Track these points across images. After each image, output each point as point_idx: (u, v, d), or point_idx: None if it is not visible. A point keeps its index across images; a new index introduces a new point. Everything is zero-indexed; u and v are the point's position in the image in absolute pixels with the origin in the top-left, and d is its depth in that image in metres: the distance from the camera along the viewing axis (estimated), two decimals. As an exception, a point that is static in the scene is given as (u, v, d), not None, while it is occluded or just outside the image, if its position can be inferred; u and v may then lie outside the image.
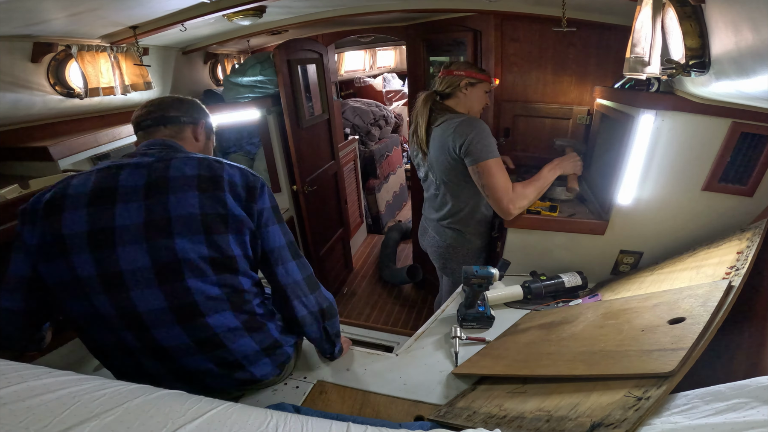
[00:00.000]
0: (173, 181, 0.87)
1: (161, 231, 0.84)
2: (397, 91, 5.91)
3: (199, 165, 0.91)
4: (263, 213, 0.96)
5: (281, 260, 0.99)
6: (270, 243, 0.97)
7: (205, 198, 0.87)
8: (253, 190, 0.94)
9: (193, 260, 0.85)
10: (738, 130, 1.24)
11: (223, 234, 0.88)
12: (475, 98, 1.63)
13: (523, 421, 0.79)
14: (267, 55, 2.34)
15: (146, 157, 0.91)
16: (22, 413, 0.45)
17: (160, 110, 1.02)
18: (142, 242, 0.83)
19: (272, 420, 0.55)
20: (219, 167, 0.92)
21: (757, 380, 0.57)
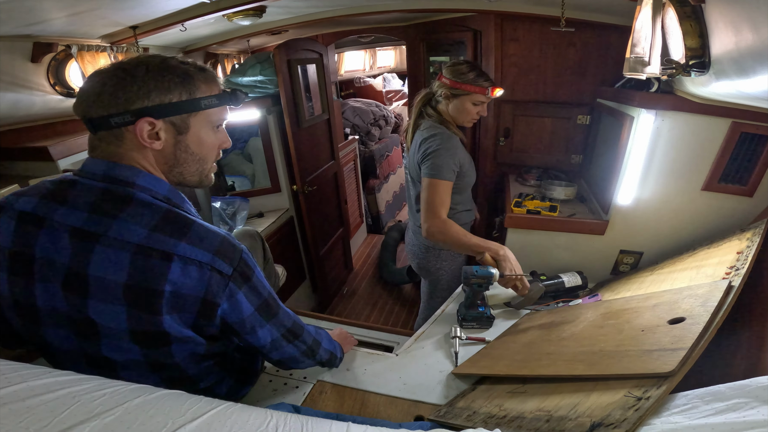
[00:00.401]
0: (93, 284, 0.64)
1: (85, 331, 0.67)
2: (397, 91, 5.91)
3: (132, 265, 0.63)
4: (243, 323, 0.73)
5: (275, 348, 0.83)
6: (261, 341, 0.79)
7: (134, 316, 0.65)
8: (212, 307, 0.68)
9: (128, 361, 0.70)
10: (738, 130, 1.24)
11: (160, 348, 0.69)
12: (456, 110, 1.48)
13: (523, 421, 0.79)
14: (267, 55, 2.34)
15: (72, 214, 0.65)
16: (22, 413, 0.45)
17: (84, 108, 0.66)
18: (68, 332, 0.68)
19: (272, 420, 0.55)
20: (161, 271, 0.63)
21: (757, 380, 0.57)
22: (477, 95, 1.44)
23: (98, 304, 0.64)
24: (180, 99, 0.68)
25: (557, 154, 2.10)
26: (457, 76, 1.44)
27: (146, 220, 0.65)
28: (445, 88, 1.47)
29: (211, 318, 0.69)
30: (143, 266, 0.63)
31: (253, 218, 2.43)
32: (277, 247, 2.46)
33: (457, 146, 1.47)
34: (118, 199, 0.66)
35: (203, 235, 0.67)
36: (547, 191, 1.83)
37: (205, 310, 0.67)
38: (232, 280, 0.68)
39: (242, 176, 2.76)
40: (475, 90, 1.42)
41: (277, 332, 0.81)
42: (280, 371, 1.16)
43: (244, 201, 2.23)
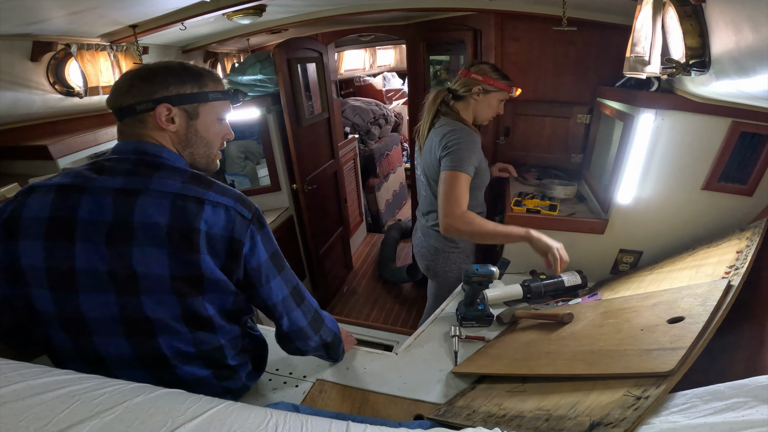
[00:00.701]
0: (138, 230, 0.72)
1: (127, 286, 0.73)
2: (397, 90, 5.91)
3: (172, 208, 0.73)
4: (260, 270, 0.82)
5: (286, 311, 0.90)
6: (273, 298, 0.87)
7: (176, 257, 0.73)
8: (239, 246, 0.78)
9: (164, 319, 0.76)
10: (738, 130, 1.24)
11: (196, 297, 0.77)
12: (485, 106, 1.55)
13: (522, 420, 0.79)
14: (267, 54, 2.34)
15: (111, 179, 0.75)
16: (22, 412, 0.45)
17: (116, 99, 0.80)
18: (107, 292, 0.73)
19: (272, 419, 0.55)
20: (197, 212, 0.74)
21: (756, 380, 0.57)
22: (503, 93, 1.53)
23: (143, 250, 0.72)
24: (192, 91, 0.82)
25: (557, 153, 2.09)
26: (488, 73, 1.52)
27: (178, 177, 0.77)
28: (476, 84, 1.52)
29: (237, 258, 0.78)
30: (182, 208, 0.73)
31: (252, 217, 2.43)
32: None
33: (477, 143, 1.50)
34: (151, 165, 0.78)
35: (225, 188, 0.80)
36: (546, 190, 1.83)
37: (232, 249, 0.77)
38: (252, 223, 0.80)
39: (242, 175, 2.76)
40: (505, 87, 1.52)
41: (286, 288, 0.89)
42: (280, 370, 1.16)
43: (244, 200, 2.23)
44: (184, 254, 0.73)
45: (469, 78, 1.52)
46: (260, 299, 0.86)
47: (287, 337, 0.94)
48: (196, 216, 0.74)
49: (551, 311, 1.25)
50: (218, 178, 2.57)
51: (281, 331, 0.93)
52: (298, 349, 0.98)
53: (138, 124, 0.80)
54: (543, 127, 2.08)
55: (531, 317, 1.27)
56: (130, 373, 0.79)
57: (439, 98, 1.57)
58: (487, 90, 1.52)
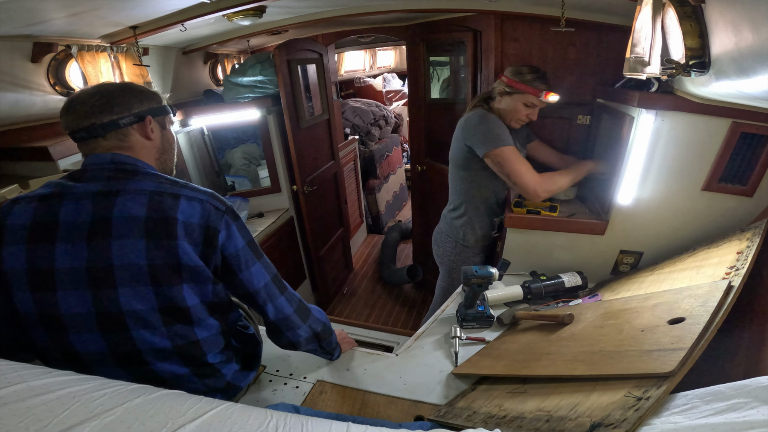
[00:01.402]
0: (117, 224, 0.75)
1: (104, 280, 0.75)
2: (397, 91, 5.91)
3: (150, 202, 0.77)
4: (238, 256, 0.84)
5: (269, 298, 0.91)
6: (255, 284, 0.88)
7: (154, 246, 0.76)
8: (214, 233, 0.80)
9: (139, 312, 0.77)
10: (738, 130, 1.24)
11: (175, 286, 0.78)
12: (506, 107, 1.56)
13: (523, 421, 0.79)
14: (267, 55, 2.34)
15: (91, 185, 0.79)
16: (22, 413, 0.45)
17: (90, 117, 0.82)
18: (83, 289, 0.75)
19: (272, 420, 0.55)
20: (173, 204, 0.78)
21: (757, 380, 0.57)
22: (529, 96, 1.51)
23: (121, 242, 0.75)
24: (159, 105, 0.91)
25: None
26: (515, 75, 1.52)
27: (153, 179, 0.82)
28: (502, 85, 1.55)
29: (213, 245, 0.81)
30: (159, 202, 0.78)
31: (253, 218, 2.43)
32: (277, 246, 2.46)
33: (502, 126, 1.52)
34: (128, 172, 0.82)
35: (198, 188, 0.84)
36: (547, 191, 1.82)
37: (208, 236, 0.80)
38: (226, 214, 0.83)
39: (242, 176, 2.76)
40: (529, 90, 1.49)
41: (267, 275, 0.91)
42: (280, 371, 1.16)
43: (244, 201, 2.23)
44: (161, 242, 0.76)
45: (499, 79, 1.58)
46: (242, 286, 0.88)
47: (276, 328, 0.95)
48: (173, 208, 0.78)
49: (552, 312, 1.25)
50: (218, 180, 2.58)
51: (269, 320, 0.93)
52: (290, 341, 0.98)
53: (121, 138, 0.84)
54: (543, 127, 2.08)
55: (531, 318, 1.27)
56: (107, 371, 0.79)
57: (479, 99, 1.64)
58: (508, 91, 1.53)
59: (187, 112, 2.20)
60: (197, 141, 2.30)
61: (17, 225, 0.76)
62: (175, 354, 0.82)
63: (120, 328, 0.77)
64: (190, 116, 2.21)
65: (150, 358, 0.80)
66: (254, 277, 0.88)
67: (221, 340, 0.90)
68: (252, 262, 0.87)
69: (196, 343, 0.84)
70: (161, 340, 0.80)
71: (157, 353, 0.80)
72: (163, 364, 0.82)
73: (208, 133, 2.33)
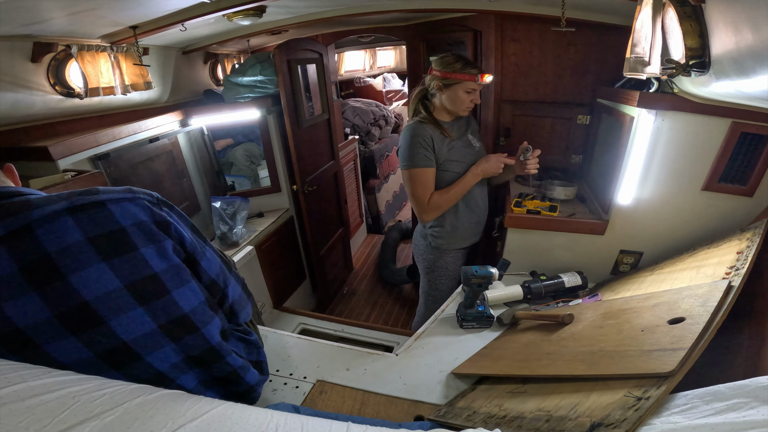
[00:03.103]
0: (60, 259, 0.61)
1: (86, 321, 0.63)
2: (397, 91, 5.91)
3: (78, 222, 0.62)
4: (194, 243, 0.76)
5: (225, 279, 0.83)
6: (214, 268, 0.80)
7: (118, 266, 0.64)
8: (167, 225, 0.70)
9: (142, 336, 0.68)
10: (738, 130, 1.24)
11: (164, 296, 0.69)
12: (450, 100, 1.54)
13: (523, 421, 0.79)
14: (267, 55, 2.34)
15: None
16: (21, 413, 0.45)
17: None
18: (68, 337, 0.63)
19: (272, 420, 0.55)
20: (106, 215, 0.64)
21: (757, 380, 0.57)
22: (468, 83, 1.49)
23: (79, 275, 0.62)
24: None
25: (557, 154, 2.09)
26: (447, 67, 1.50)
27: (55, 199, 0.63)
28: (437, 79, 1.52)
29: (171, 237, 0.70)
30: (88, 217, 0.63)
31: (253, 218, 2.43)
32: (277, 246, 2.46)
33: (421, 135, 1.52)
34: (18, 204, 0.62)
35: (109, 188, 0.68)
36: (547, 191, 1.83)
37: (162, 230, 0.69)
38: (161, 204, 0.73)
39: (242, 176, 2.76)
40: (465, 78, 1.48)
41: (216, 258, 0.81)
42: (280, 370, 1.16)
43: (244, 201, 2.23)
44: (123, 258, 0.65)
45: (431, 74, 1.55)
46: (205, 274, 0.78)
47: (231, 310, 0.87)
48: (109, 219, 0.64)
49: (552, 312, 1.25)
50: (218, 180, 2.57)
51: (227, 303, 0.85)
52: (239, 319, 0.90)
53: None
54: (543, 127, 2.08)
55: (531, 318, 1.26)
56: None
57: (417, 98, 1.62)
58: (447, 84, 1.51)
59: (187, 112, 2.20)
60: (197, 141, 2.30)
61: None
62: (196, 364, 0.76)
63: (133, 359, 0.69)
64: (190, 116, 2.21)
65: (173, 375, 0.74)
66: (211, 262, 0.80)
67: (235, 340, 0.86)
68: (203, 246, 0.79)
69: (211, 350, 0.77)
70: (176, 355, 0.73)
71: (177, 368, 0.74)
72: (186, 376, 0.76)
73: (208, 133, 2.33)
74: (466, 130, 1.67)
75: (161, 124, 2.00)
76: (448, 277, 1.74)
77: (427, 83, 1.59)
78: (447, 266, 1.72)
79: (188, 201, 2.18)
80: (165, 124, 2.03)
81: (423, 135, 1.51)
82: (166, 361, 0.72)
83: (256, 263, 2.22)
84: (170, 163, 2.06)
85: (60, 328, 0.63)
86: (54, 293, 0.61)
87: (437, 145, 1.53)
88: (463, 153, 1.60)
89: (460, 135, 1.63)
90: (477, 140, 1.71)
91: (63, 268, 0.61)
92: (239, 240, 2.13)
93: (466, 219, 1.66)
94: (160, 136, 1.97)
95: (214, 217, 2.13)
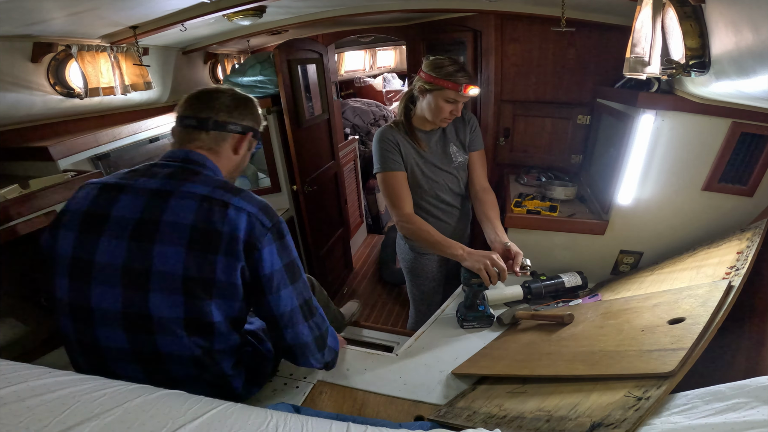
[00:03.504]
0: (163, 229, 0.77)
1: (137, 282, 0.77)
2: (397, 91, 5.91)
3: (198, 210, 0.78)
4: (272, 278, 0.82)
5: (291, 323, 0.88)
6: (281, 308, 0.86)
7: (193, 258, 0.76)
8: (252, 250, 0.80)
9: (166, 319, 0.78)
10: (738, 130, 1.24)
11: (205, 300, 0.78)
12: (427, 107, 1.40)
13: (523, 421, 0.79)
14: (267, 55, 2.34)
15: (152, 181, 0.82)
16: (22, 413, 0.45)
17: (212, 111, 0.89)
18: (116, 287, 0.77)
19: (272, 420, 0.55)
20: (221, 215, 0.78)
21: (757, 380, 0.57)
22: (448, 92, 1.34)
23: (163, 248, 0.77)
24: (258, 129, 0.99)
25: (557, 154, 2.10)
26: (434, 69, 1.35)
27: (209, 183, 0.83)
28: (420, 81, 1.40)
29: (250, 262, 0.80)
30: (207, 210, 0.79)
31: (253, 218, 2.43)
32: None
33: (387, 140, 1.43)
34: (189, 172, 0.85)
35: (252, 197, 0.85)
36: (547, 191, 1.83)
37: (247, 252, 0.80)
38: (270, 232, 0.82)
39: (242, 176, 2.76)
40: (447, 85, 1.32)
41: (296, 300, 0.88)
42: (280, 371, 1.16)
43: (244, 201, 2.23)
44: (201, 254, 0.77)
45: (418, 75, 1.42)
46: (267, 308, 0.86)
47: (290, 351, 0.93)
48: (220, 219, 0.78)
49: (552, 312, 1.25)
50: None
51: (284, 344, 0.91)
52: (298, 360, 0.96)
53: (216, 138, 0.90)
54: (543, 128, 2.09)
55: (531, 318, 1.26)
56: (125, 367, 0.82)
57: (404, 101, 1.51)
58: (428, 89, 1.37)
59: (187, 112, 2.20)
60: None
61: (76, 210, 0.81)
62: (193, 362, 0.83)
63: (145, 330, 0.78)
64: (190, 116, 2.20)
65: (169, 362, 0.81)
66: (282, 301, 0.85)
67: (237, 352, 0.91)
68: (284, 285, 0.85)
69: (212, 353, 0.84)
70: (182, 347, 0.80)
71: (177, 359, 0.81)
72: (179, 368, 0.82)
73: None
74: (449, 142, 1.53)
75: (161, 124, 1.99)
76: (428, 278, 1.66)
77: (414, 83, 1.46)
78: (425, 268, 1.64)
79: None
80: (165, 124, 2.03)
81: (388, 139, 1.43)
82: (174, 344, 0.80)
83: (256, 263, 2.22)
84: (170, 163, 2.06)
85: (117, 278, 0.77)
86: (137, 250, 0.77)
87: (404, 150, 1.45)
88: (434, 166, 1.50)
89: (437, 146, 1.51)
90: (462, 154, 1.55)
91: (157, 235, 0.77)
92: (239, 240, 2.12)
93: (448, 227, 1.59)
94: (160, 136, 1.97)
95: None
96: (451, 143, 1.53)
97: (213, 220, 0.78)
